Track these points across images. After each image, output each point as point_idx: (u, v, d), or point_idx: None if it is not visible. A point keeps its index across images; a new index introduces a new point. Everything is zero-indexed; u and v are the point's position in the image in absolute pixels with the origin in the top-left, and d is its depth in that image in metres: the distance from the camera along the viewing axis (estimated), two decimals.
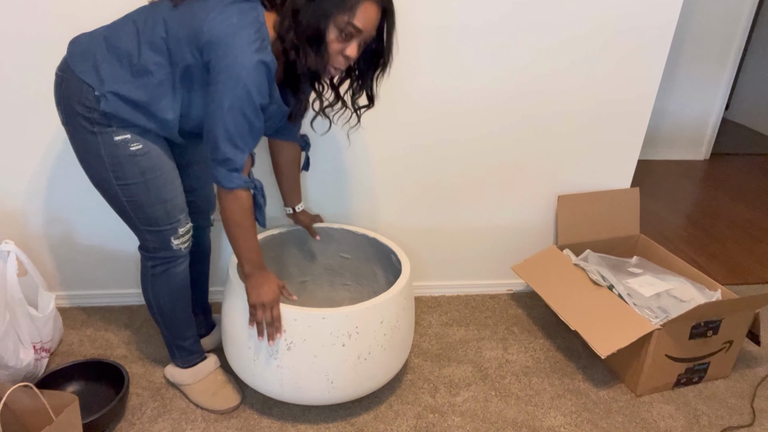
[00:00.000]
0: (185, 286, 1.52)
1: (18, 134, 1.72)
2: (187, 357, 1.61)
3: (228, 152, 1.23)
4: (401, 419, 1.61)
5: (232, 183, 1.26)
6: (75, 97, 1.25)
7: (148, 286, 1.50)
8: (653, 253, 2.09)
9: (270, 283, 1.39)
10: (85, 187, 1.82)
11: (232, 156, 1.23)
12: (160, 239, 1.42)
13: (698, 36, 3.53)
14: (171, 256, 1.45)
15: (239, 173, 1.26)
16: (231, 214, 1.30)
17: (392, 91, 1.82)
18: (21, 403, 1.29)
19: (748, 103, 4.69)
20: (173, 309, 1.53)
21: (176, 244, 1.44)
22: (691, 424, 1.65)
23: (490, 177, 2.02)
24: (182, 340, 1.59)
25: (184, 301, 1.54)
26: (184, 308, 1.55)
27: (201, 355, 1.64)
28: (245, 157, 1.25)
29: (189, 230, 1.47)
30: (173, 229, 1.42)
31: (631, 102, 1.98)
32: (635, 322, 1.65)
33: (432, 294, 2.20)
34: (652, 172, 3.66)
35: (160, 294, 1.50)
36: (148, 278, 1.49)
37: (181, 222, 1.43)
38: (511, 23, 1.79)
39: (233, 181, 1.25)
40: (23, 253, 1.61)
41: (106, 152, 1.29)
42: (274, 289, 1.39)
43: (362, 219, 2.02)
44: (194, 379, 1.61)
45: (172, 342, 1.59)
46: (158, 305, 1.52)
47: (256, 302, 1.37)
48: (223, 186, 1.27)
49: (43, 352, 1.67)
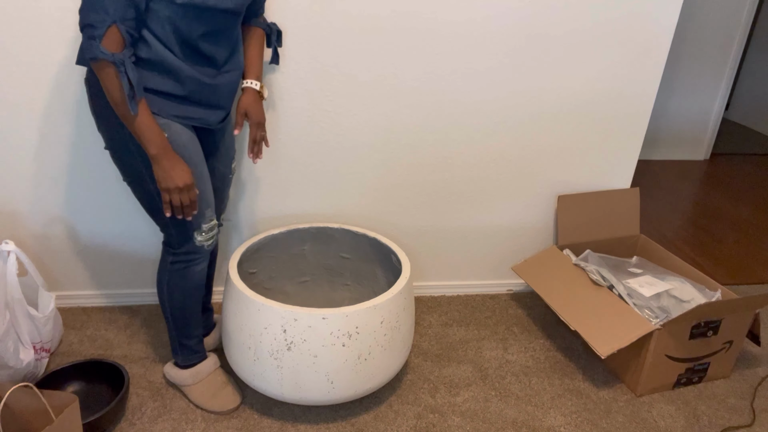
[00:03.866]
0: (200, 285, 1.53)
1: (18, 134, 1.72)
2: (189, 356, 1.61)
3: (88, 16, 1.15)
4: (401, 419, 1.61)
5: (91, 53, 1.17)
6: (101, 93, 1.29)
7: (164, 281, 1.50)
8: (653, 253, 2.09)
9: (182, 165, 1.31)
10: (85, 187, 1.82)
11: (91, 21, 1.15)
12: (184, 233, 1.43)
13: (698, 36, 3.53)
14: (193, 252, 1.46)
15: (98, 42, 1.16)
16: (107, 91, 1.22)
17: (391, 91, 1.82)
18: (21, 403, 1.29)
19: (748, 103, 4.69)
20: (184, 307, 1.53)
21: (199, 240, 1.45)
22: (691, 424, 1.65)
23: (490, 177, 2.02)
24: (188, 339, 1.59)
25: (196, 300, 1.54)
26: (195, 307, 1.55)
27: (202, 355, 1.64)
28: (106, 24, 1.15)
29: (213, 227, 1.47)
30: (197, 224, 1.43)
31: (631, 102, 1.98)
32: (635, 322, 1.65)
33: (432, 294, 2.20)
34: (652, 172, 3.66)
35: (175, 291, 1.51)
36: (165, 274, 1.49)
37: (205, 217, 1.44)
38: (511, 23, 1.79)
39: (92, 50, 1.16)
40: (23, 253, 1.61)
41: (133, 142, 1.31)
42: (187, 171, 1.32)
43: (362, 219, 2.02)
44: (194, 380, 1.61)
45: (177, 339, 1.59)
46: (171, 302, 1.52)
47: (171, 187, 1.30)
48: (85, 55, 1.18)
49: (43, 352, 1.67)
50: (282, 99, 1.78)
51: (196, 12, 1.24)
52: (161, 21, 1.24)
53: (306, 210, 1.97)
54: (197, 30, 1.27)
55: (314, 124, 1.83)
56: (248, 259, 1.73)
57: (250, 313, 1.46)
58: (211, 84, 1.37)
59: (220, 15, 1.29)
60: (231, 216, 1.94)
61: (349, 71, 1.77)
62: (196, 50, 1.31)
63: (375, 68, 1.78)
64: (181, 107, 1.35)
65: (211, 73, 1.37)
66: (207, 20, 1.27)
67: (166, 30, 1.25)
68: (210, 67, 1.36)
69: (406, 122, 1.88)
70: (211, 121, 1.43)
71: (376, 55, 1.76)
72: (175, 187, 1.30)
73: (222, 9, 1.28)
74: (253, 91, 1.53)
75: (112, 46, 1.18)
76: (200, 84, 1.35)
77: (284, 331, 1.42)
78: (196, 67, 1.33)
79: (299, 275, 1.92)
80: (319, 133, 1.85)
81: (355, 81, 1.79)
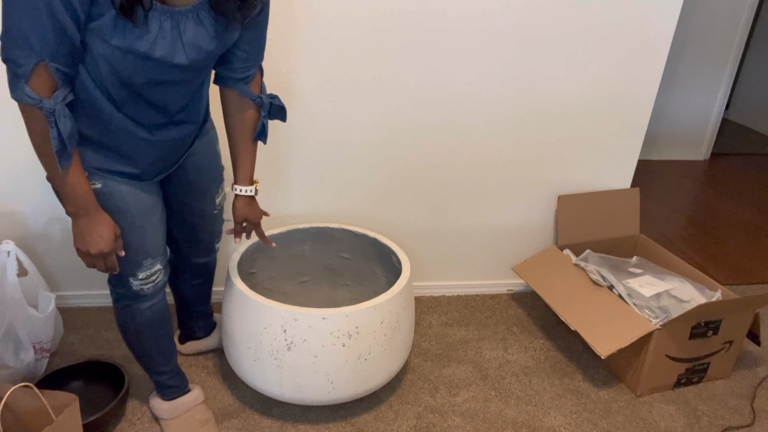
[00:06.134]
0: (157, 322, 1.38)
1: (18, 134, 1.72)
2: (166, 391, 1.50)
3: (10, 51, 0.95)
4: (401, 419, 1.61)
5: (15, 93, 0.99)
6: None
7: (116, 317, 1.39)
8: (653, 253, 2.09)
9: (99, 229, 1.14)
10: None
11: (13, 57, 0.95)
12: (117, 277, 1.30)
13: (698, 36, 3.53)
14: (130, 294, 1.32)
15: (24, 83, 0.97)
16: (29, 133, 1.03)
17: (391, 91, 1.82)
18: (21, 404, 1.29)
19: (748, 103, 4.69)
20: (141, 344, 1.41)
21: (136, 285, 1.30)
22: (691, 424, 1.65)
23: (491, 177, 2.02)
24: (159, 375, 1.47)
25: (155, 336, 1.40)
26: (156, 342, 1.41)
27: (182, 389, 1.52)
28: (32, 61, 0.95)
29: (154, 273, 1.31)
30: (131, 272, 1.29)
31: (631, 102, 1.98)
32: (635, 322, 1.65)
33: (432, 294, 2.20)
34: (652, 172, 3.66)
35: (126, 329, 1.38)
36: (115, 309, 1.38)
37: (142, 267, 1.29)
38: (512, 24, 1.79)
39: (16, 91, 0.98)
40: (23, 253, 1.61)
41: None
42: (106, 236, 1.15)
43: (362, 219, 2.02)
44: (171, 415, 1.50)
45: (149, 375, 1.49)
46: (127, 338, 1.41)
47: (83, 251, 1.16)
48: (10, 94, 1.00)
49: (43, 352, 1.67)
50: (282, 99, 1.78)
51: (138, 60, 1.03)
52: (95, 58, 1.03)
53: (306, 210, 1.97)
54: (139, 77, 1.07)
55: (314, 124, 1.83)
56: (248, 259, 1.73)
57: (250, 313, 1.46)
58: (148, 140, 1.18)
59: (175, 68, 1.08)
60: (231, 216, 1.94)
61: (349, 71, 1.77)
62: (138, 96, 1.12)
63: (375, 68, 1.78)
64: (107, 160, 1.17)
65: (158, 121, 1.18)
66: (154, 71, 1.07)
67: (100, 69, 1.05)
68: (158, 116, 1.17)
69: (406, 122, 1.88)
70: (146, 178, 1.25)
71: (376, 55, 1.76)
72: (86, 252, 1.16)
73: (174, 64, 1.07)
74: (247, 198, 1.38)
75: (40, 87, 0.98)
76: (134, 138, 1.16)
77: (284, 331, 1.42)
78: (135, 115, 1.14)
79: (299, 275, 1.92)
80: (319, 133, 1.85)
81: (355, 81, 1.79)
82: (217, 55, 1.15)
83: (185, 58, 1.07)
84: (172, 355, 1.48)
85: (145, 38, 1.01)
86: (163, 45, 1.03)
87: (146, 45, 1.01)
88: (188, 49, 1.07)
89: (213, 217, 1.51)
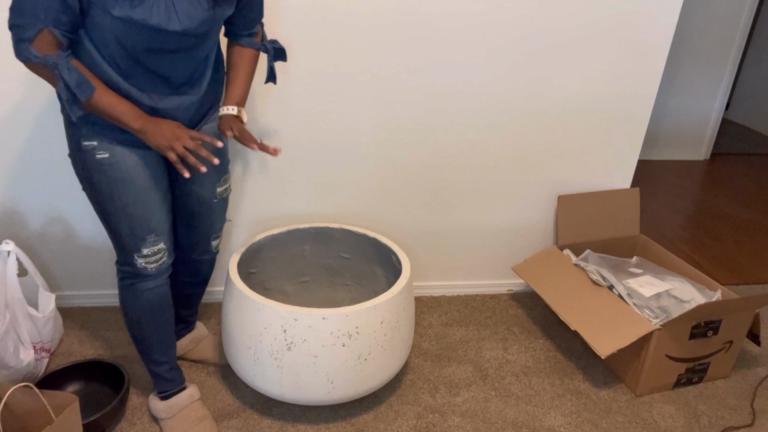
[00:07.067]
0: (158, 307, 1.43)
1: (18, 135, 1.72)
2: (162, 384, 1.51)
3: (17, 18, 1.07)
4: (401, 419, 1.61)
5: (21, 55, 1.10)
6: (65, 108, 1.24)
7: (120, 299, 1.44)
8: (653, 253, 2.09)
9: (164, 123, 1.23)
10: None
11: (18, 22, 1.07)
12: (123, 253, 1.36)
13: (698, 36, 3.53)
14: (135, 272, 1.37)
15: (28, 45, 1.08)
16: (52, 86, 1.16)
17: (391, 91, 1.82)
18: (21, 404, 1.29)
19: (748, 103, 4.69)
20: (142, 327, 1.44)
21: (141, 263, 1.36)
22: (691, 424, 1.65)
23: (490, 177, 2.02)
24: (156, 365, 1.49)
25: (155, 321, 1.44)
26: (157, 329, 1.45)
27: (178, 385, 1.54)
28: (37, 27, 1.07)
29: (157, 252, 1.37)
30: (136, 247, 1.34)
31: (631, 102, 1.98)
32: (635, 322, 1.65)
33: (432, 294, 2.20)
34: (652, 172, 3.66)
35: (129, 311, 1.43)
36: (119, 289, 1.43)
37: (146, 242, 1.34)
38: (511, 24, 1.79)
39: (22, 53, 1.10)
40: (23, 253, 1.61)
41: (78, 157, 1.27)
42: (173, 124, 1.24)
43: (362, 219, 2.02)
44: (167, 414, 1.51)
45: (147, 365, 1.50)
46: (128, 322, 1.44)
47: (163, 144, 1.22)
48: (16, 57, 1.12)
49: (43, 352, 1.67)
50: (281, 99, 1.78)
51: (138, 29, 1.13)
52: (101, 30, 1.14)
53: (306, 210, 1.97)
54: (141, 45, 1.16)
55: (314, 124, 1.83)
56: (248, 259, 1.73)
57: (250, 313, 1.46)
58: (152, 107, 1.26)
59: (172, 35, 1.17)
60: (231, 216, 1.94)
61: (348, 71, 1.77)
62: (143, 66, 1.20)
63: (375, 68, 1.78)
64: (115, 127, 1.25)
65: (162, 91, 1.26)
66: (153, 38, 1.16)
67: (106, 40, 1.15)
68: (162, 86, 1.25)
69: (406, 122, 1.88)
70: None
71: (376, 55, 1.76)
72: (167, 145, 1.22)
73: (171, 30, 1.15)
74: (230, 117, 1.39)
75: (44, 48, 1.10)
76: (140, 106, 1.25)
77: (284, 331, 1.42)
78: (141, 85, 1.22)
79: (299, 275, 1.92)
80: (318, 133, 1.85)
81: (355, 81, 1.79)
82: (214, 24, 1.24)
83: (179, 24, 1.16)
84: (171, 347, 1.51)
85: (141, 6, 1.11)
86: (158, 12, 1.13)
87: (142, 13, 1.11)
88: (181, 16, 1.16)
89: (211, 206, 1.51)
